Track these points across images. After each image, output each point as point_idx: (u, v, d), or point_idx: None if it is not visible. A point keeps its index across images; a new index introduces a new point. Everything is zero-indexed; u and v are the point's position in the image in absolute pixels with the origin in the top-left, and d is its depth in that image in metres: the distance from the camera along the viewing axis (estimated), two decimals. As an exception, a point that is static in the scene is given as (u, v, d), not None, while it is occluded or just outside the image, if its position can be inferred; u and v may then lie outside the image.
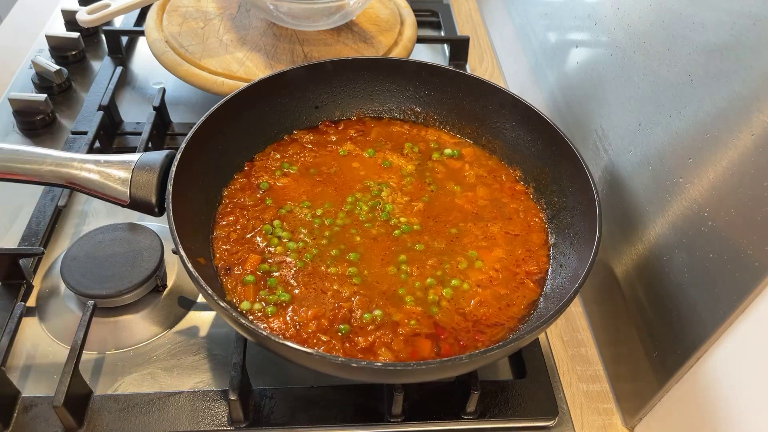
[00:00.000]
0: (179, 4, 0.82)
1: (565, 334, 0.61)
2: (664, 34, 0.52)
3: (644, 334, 0.52)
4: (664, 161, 0.51)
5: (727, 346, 0.43)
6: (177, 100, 0.82)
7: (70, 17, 0.91)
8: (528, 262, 0.54)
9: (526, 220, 0.57)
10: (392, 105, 0.67)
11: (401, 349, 0.47)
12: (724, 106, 0.44)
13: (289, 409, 0.51)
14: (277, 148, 0.63)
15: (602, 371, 0.58)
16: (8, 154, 0.51)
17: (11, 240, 0.64)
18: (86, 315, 0.52)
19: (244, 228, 0.55)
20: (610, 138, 0.59)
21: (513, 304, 0.51)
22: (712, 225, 0.44)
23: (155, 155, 0.53)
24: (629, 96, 0.56)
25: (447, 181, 0.61)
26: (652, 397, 0.50)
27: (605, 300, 0.60)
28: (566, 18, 0.72)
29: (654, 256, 0.51)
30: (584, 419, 0.55)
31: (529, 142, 0.61)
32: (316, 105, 0.65)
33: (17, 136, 0.76)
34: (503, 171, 0.62)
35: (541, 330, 0.43)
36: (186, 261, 0.44)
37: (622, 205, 0.56)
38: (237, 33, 0.79)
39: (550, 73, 0.75)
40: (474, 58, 0.95)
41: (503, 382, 0.54)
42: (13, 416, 0.50)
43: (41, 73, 0.82)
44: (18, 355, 0.55)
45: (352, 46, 0.79)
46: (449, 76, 0.64)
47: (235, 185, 0.59)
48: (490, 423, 0.52)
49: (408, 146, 0.64)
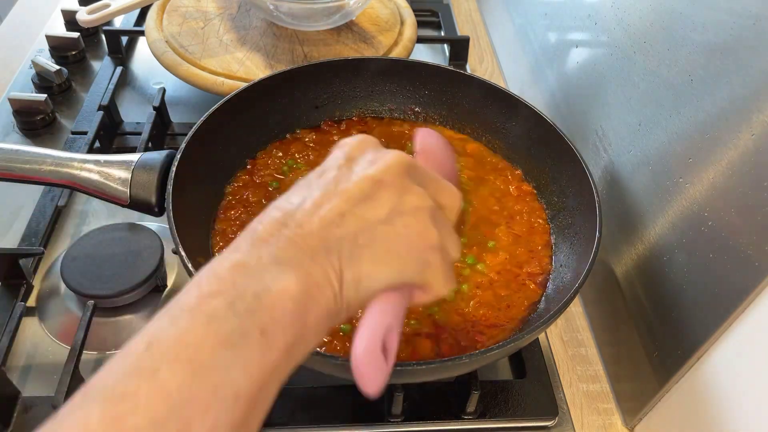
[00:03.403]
0: (179, 4, 0.82)
1: (565, 334, 0.61)
2: (664, 34, 0.52)
3: (644, 334, 0.52)
4: (664, 161, 0.51)
5: (727, 346, 0.43)
6: (177, 100, 0.82)
7: (70, 17, 0.91)
8: (530, 264, 0.54)
9: (529, 221, 0.57)
10: (392, 105, 0.67)
11: (402, 348, 0.47)
12: (724, 106, 0.44)
13: (289, 409, 0.51)
14: (279, 147, 0.63)
15: (602, 371, 0.58)
16: (8, 154, 0.51)
17: (11, 240, 0.64)
18: (86, 315, 0.52)
19: (245, 225, 0.55)
20: (610, 138, 0.59)
21: (513, 305, 0.51)
22: (712, 225, 0.44)
23: (155, 155, 0.53)
24: (629, 96, 0.56)
25: None
26: (652, 397, 0.50)
27: (605, 300, 0.60)
28: (566, 18, 0.72)
29: (654, 256, 0.51)
30: (584, 419, 0.55)
31: (529, 142, 0.61)
32: (317, 105, 0.65)
33: (17, 136, 0.76)
34: (509, 170, 0.62)
35: (541, 330, 0.43)
36: (186, 261, 0.44)
37: (622, 205, 0.56)
38: (237, 33, 0.79)
39: (550, 73, 0.75)
40: (474, 58, 0.95)
41: (503, 382, 0.54)
42: (13, 416, 0.50)
43: (41, 73, 0.82)
44: (18, 355, 0.55)
45: (352, 46, 0.79)
46: (449, 76, 0.64)
47: (237, 182, 0.59)
48: (490, 423, 0.52)
49: (410, 145, 0.64)
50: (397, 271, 0.32)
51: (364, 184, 0.32)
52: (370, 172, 0.33)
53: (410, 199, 0.33)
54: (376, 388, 0.31)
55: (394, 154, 0.34)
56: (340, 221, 0.31)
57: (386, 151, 0.35)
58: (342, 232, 0.31)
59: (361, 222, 0.31)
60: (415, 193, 0.33)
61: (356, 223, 0.31)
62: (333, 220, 0.31)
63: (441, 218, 0.35)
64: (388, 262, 0.32)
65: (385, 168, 0.33)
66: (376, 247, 0.32)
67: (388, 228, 0.32)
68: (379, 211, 0.32)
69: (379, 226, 0.32)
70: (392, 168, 0.33)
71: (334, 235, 0.31)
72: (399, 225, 0.32)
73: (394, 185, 0.33)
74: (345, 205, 0.31)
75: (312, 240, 0.30)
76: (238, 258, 0.29)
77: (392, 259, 0.32)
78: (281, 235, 0.30)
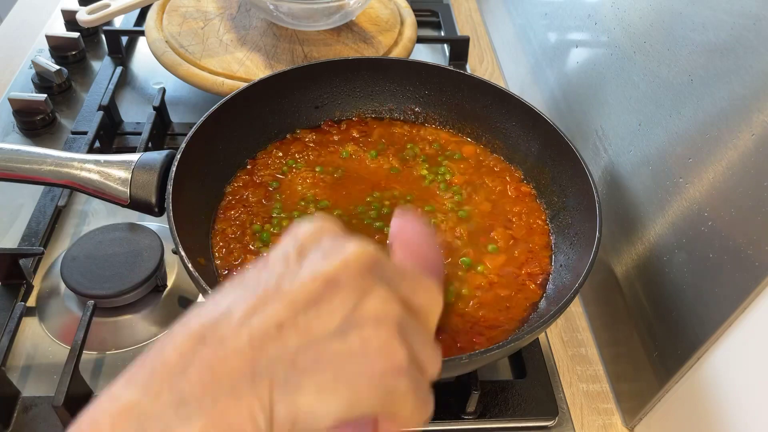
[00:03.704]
0: (179, 4, 0.82)
1: (565, 334, 0.61)
2: (664, 34, 0.52)
3: (644, 334, 0.52)
4: (664, 161, 0.51)
5: (727, 346, 0.43)
6: (177, 100, 0.82)
7: (70, 17, 0.91)
8: (530, 264, 0.54)
9: (528, 222, 0.57)
10: (392, 105, 0.67)
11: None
12: (724, 106, 0.44)
13: (289, 409, 0.51)
14: (279, 147, 0.63)
15: (602, 371, 0.58)
16: (8, 154, 0.51)
17: (11, 240, 0.64)
18: (86, 315, 0.52)
19: (245, 224, 0.55)
20: (610, 138, 0.59)
21: (513, 306, 0.51)
22: (712, 225, 0.44)
23: (155, 155, 0.53)
24: (629, 96, 0.56)
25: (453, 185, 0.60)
26: (652, 397, 0.50)
27: (605, 300, 0.60)
28: (566, 18, 0.72)
29: (654, 256, 0.51)
30: (584, 419, 0.55)
31: (529, 142, 0.61)
32: (317, 105, 0.65)
33: (17, 136, 0.76)
34: (507, 172, 0.62)
35: (541, 330, 0.43)
36: (186, 261, 0.44)
37: (622, 205, 0.56)
38: (237, 33, 0.79)
39: (550, 73, 0.75)
40: (474, 58, 0.95)
41: (503, 382, 0.54)
42: (13, 416, 0.50)
43: (41, 73, 0.82)
44: (18, 355, 0.55)
45: (352, 46, 0.79)
46: (449, 76, 0.64)
47: (237, 182, 0.59)
48: (490, 423, 0.52)
49: (409, 146, 0.63)
50: (349, 404, 0.25)
51: (312, 285, 0.25)
52: (321, 268, 0.26)
53: (371, 305, 0.26)
54: None
55: (356, 246, 0.27)
56: (276, 335, 0.24)
57: (347, 240, 0.27)
58: (277, 350, 0.24)
59: (303, 336, 0.24)
60: (378, 296, 0.26)
61: (297, 338, 0.24)
62: (267, 334, 0.24)
63: (413, 327, 0.27)
64: (336, 391, 0.24)
65: (342, 263, 0.26)
66: (322, 372, 0.24)
67: (339, 344, 0.25)
68: (329, 322, 0.25)
69: (328, 341, 0.25)
70: (351, 263, 0.26)
71: (267, 354, 0.24)
72: (354, 340, 0.25)
73: (351, 287, 0.26)
74: (285, 313, 0.25)
75: (235, 361, 0.23)
76: (128, 398, 0.23)
77: (343, 387, 0.25)
78: (195, 357, 0.23)
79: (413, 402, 0.27)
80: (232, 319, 0.24)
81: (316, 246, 0.27)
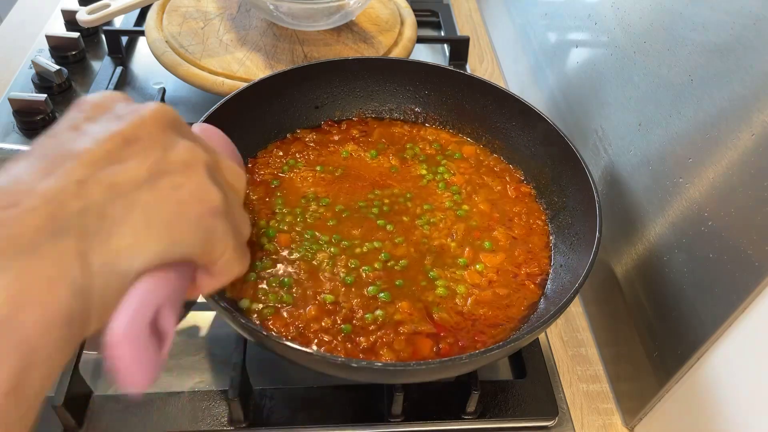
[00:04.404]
0: (179, 4, 0.82)
1: (565, 334, 0.61)
2: (664, 34, 0.52)
3: (644, 334, 0.53)
4: (664, 161, 0.51)
5: (727, 346, 0.43)
6: (177, 100, 0.82)
7: (70, 17, 0.91)
8: (530, 264, 0.54)
9: (528, 223, 0.57)
10: (392, 105, 0.67)
11: (402, 348, 0.47)
12: (724, 106, 0.44)
13: (289, 409, 0.51)
14: (280, 146, 0.63)
15: (602, 371, 0.58)
16: (8, 154, 0.51)
17: (11, 240, 0.64)
18: (86, 315, 0.52)
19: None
20: (610, 138, 0.59)
21: (513, 304, 0.51)
22: (712, 225, 0.44)
23: (155, 155, 0.53)
24: (629, 96, 0.56)
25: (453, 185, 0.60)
26: (652, 397, 0.50)
27: (605, 300, 0.60)
28: (566, 18, 0.72)
29: (654, 256, 0.51)
30: (584, 419, 0.55)
31: (529, 142, 0.61)
32: (317, 105, 0.65)
33: (17, 136, 0.76)
34: (507, 172, 0.62)
35: (541, 330, 0.43)
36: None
37: (622, 205, 0.56)
38: (237, 33, 0.79)
39: (550, 73, 0.75)
40: (474, 58, 0.95)
41: (503, 382, 0.54)
42: (13, 416, 0.50)
43: (41, 73, 0.82)
44: (18, 355, 0.55)
45: (352, 46, 0.79)
46: (449, 76, 0.64)
47: None
48: (490, 423, 0.52)
49: (409, 146, 0.63)
50: (169, 243, 0.25)
51: (109, 143, 0.25)
52: (116, 128, 0.25)
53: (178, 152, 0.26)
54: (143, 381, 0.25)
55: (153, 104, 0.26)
56: (77, 191, 0.24)
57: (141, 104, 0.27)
58: (81, 204, 0.24)
59: (110, 190, 0.24)
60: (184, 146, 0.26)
61: (102, 192, 0.24)
62: (65, 191, 0.24)
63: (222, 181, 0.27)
64: (154, 233, 0.25)
65: (139, 120, 0.26)
66: (135, 218, 0.24)
67: (149, 193, 0.25)
68: (135, 174, 0.25)
69: (137, 191, 0.25)
70: (148, 120, 0.26)
71: (70, 210, 0.23)
72: (164, 186, 0.25)
73: (153, 140, 0.25)
74: (82, 170, 0.24)
75: (31, 220, 0.23)
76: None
77: (159, 228, 0.25)
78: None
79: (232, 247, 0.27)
80: (22, 184, 0.23)
81: (108, 113, 0.27)
